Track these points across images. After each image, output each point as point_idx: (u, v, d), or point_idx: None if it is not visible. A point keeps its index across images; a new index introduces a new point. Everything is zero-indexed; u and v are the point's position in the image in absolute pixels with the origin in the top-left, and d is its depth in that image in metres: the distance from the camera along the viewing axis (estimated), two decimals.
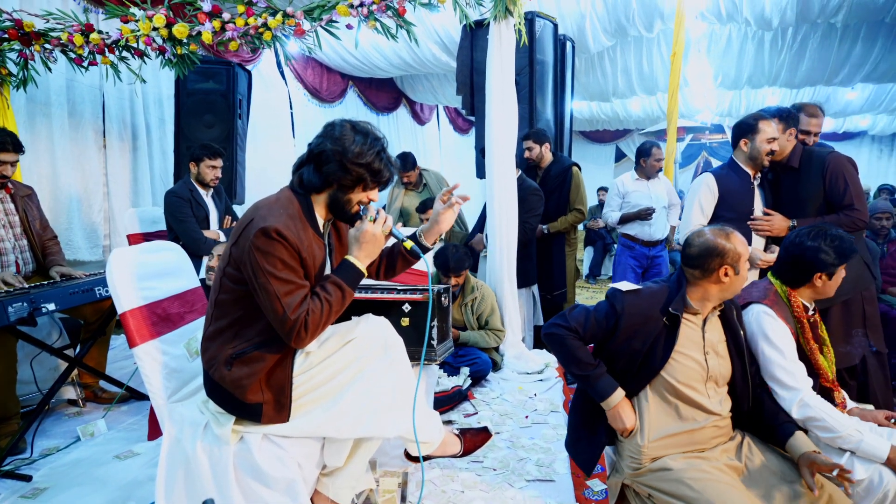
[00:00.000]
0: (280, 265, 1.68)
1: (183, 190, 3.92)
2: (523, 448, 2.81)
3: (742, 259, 1.92)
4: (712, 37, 6.87)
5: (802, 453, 1.86)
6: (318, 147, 1.80)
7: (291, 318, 1.67)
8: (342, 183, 1.80)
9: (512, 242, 3.86)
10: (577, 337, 2.01)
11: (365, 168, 1.79)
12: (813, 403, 1.96)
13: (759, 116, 2.97)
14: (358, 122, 1.85)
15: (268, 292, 1.67)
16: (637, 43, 7.02)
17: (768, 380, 2.05)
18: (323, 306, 1.73)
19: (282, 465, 1.80)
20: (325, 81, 6.99)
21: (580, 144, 14.17)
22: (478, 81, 4.15)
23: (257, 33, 3.56)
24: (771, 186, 3.15)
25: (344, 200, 1.84)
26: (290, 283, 1.69)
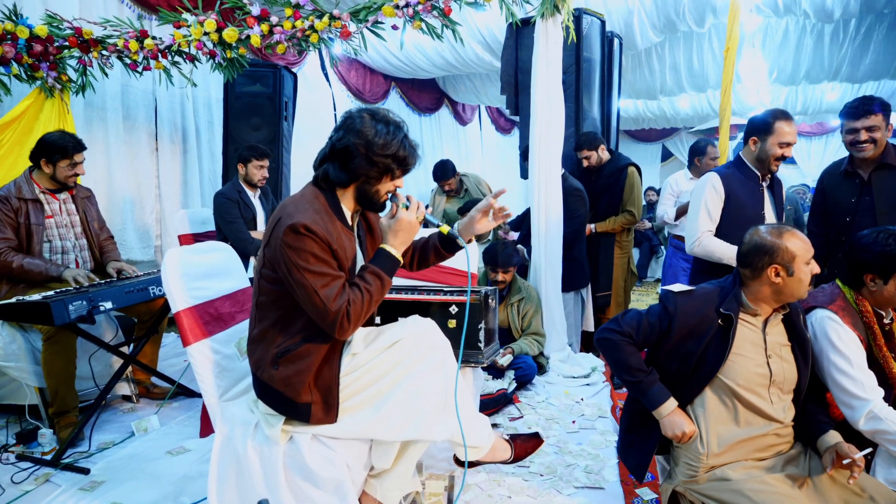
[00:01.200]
0: (312, 259, 1.68)
1: (231, 191, 3.99)
2: (571, 454, 2.76)
3: (798, 260, 1.83)
4: (767, 30, 6.64)
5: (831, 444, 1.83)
6: (340, 142, 1.78)
7: (332, 309, 1.66)
8: (369, 175, 1.79)
9: (556, 245, 3.79)
10: (630, 342, 1.96)
11: (391, 158, 1.77)
12: (884, 415, 1.85)
13: (779, 115, 2.69)
14: (376, 109, 1.83)
15: (305, 288, 1.67)
16: (687, 38, 6.83)
17: (833, 388, 1.95)
18: (363, 296, 1.73)
19: (331, 465, 1.80)
20: (368, 83, 7.04)
21: (625, 144, 13.91)
22: (523, 81, 4.10)
23: (304, 36, 3.59)
24: (860, 187, 2.87)
25: (372, 192, 1.83)
26: (325, 276, 1.69)
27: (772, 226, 1.92)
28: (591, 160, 4.21)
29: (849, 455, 1.75)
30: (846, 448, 1.79)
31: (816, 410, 1.97)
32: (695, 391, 1.91)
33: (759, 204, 2.78)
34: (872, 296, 2.04)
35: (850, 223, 2.85)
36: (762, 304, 1.90)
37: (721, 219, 2.78)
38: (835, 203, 2.93)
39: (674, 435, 1.90)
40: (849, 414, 1.91)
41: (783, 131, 2.66)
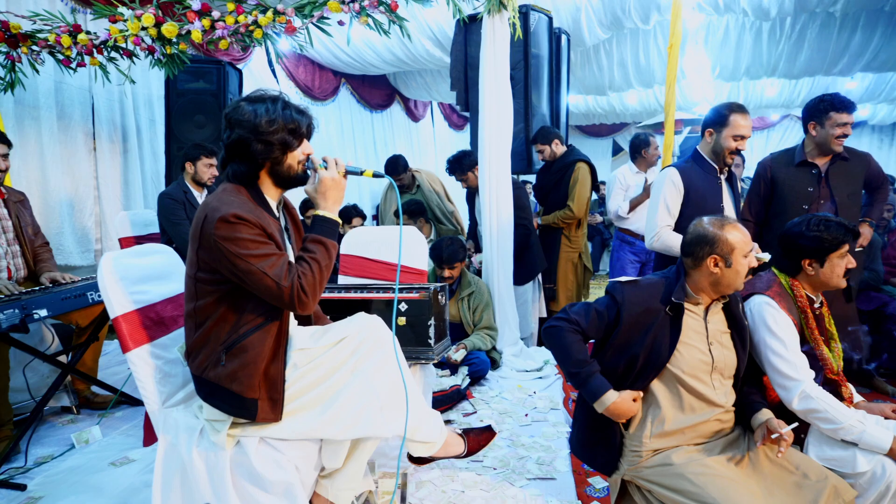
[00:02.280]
0: (251, 244, 1.66)
1: (177, 191, 3.87)
2: (524, 446, 2.78)
3: (736, 252, 1.89)
4: (710, 28, 6.81)
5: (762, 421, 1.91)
6: (230, 139, 1.77)
7: (286, 285, 1.65)
8: (271, 156, 1.78)
9: (507, 240, 3.81)
10: (576, 330, 1.97)
11: (283, 131, 1.76)
12: (815, 395, 1.94)
13: (734, 108, 2.77)
14: (250, 93, 1.83)
15: (253, 273, 1.65)
16: (633, 35, 6.96)
17: (769, 370, 2.03)
18: (312, 266, 1.72)
19: (279, 468, 1.77)
20: (317, 79, 6.93)
21: (576, 139, 14.11)
22: (472, 77, 4.10)
23: (247, 31, 3.51)
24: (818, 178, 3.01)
25: (285, 169, 1.82)
26: (269, 256, 1.67)
27: (715, 217, 1.97)
28: (545, 154, 4.27)
29: (777, 430, 1.83)
30: (776, 423, 1.87)
31: (751, 391, 2.05)
32: (646, 382, 1.94)
33: (718, 197, 2.85)
34: (809, 279, 2.13)
35: (808, 211, 2.95)
36: (703, 293, 1.95)
37: (681, 213, 2.84)
38: (791, 192, 3.03)
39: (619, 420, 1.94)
40: (783, 395, 1.99)
41: (738, 124, 2.73)
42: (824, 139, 2.99)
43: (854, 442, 1.90)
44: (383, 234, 3.02)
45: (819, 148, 3.02)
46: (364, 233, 3.05)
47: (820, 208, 2.97)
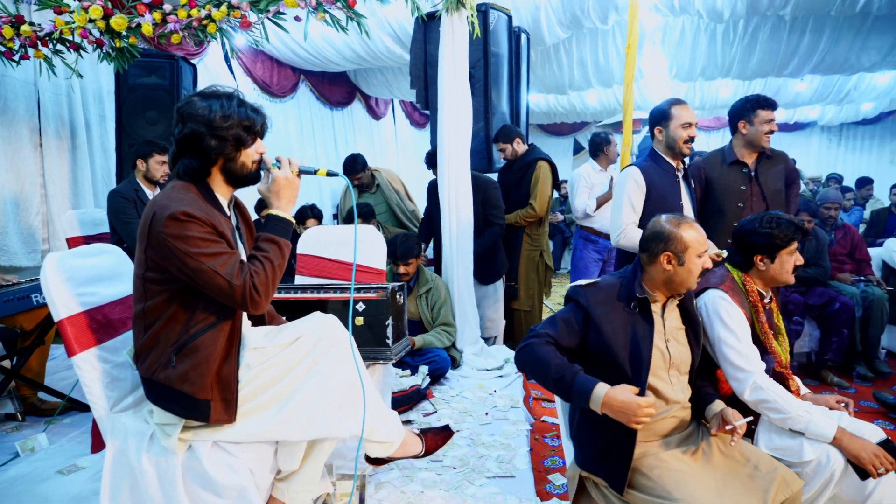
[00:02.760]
0: (201, 242, 1.63)
1: (128, 190, 3.76)
2: (483, 445, 2.78)
3: (690, 251, 1.91)
4: (666, 29, 6.93)
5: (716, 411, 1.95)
6: (182, 134, 1.73)
7: (238, 284, 1.63)
8: (225, 152, 1.75)
9: (467, 239, 3.81)
10: (549, 342, 1.90)
11: (238, 127, 1.74)
12: (765, 386, 1.99)
13: (673, 101, 2.89)
14: (203, 89, 1.80)
15: (203, 272, 1.62)
16: (592, 35, 7.04)
17: (722, 362, 2.08)
18: (265, 265, 1.70)
19: (232, 472, 1.74)
20: (275, 75, 6.81)
21: (538, 138, 14.22)
22: (432, 75, 4.09)
23: (201, 25, 3.42)
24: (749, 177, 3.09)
25: (238, 167, 1.79)
26: (220, 255, 1.64)
27: (674, 216, 1.99)
28: (507, 153, 4.28)
29: (731, 421, 1.88)
30: (730, 414, 1.91)
31: (704, 384, 2.08)
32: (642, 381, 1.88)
33: (677, 194, 2.93)
34: (760, 275, 2.20)
35: (743, 209, 3.06)
36: (658, 290, 1.98)
37: (644, 210, 2.90)
38: (726, 192, 3.11)
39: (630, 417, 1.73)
40: (736, 386, 2.04)
41: (681, 114, 2.84)
42: (755, 136, 3.10)
43: (801, 431, 1.95)
44: (340, 234, 2.99)
45: (749, 146, 3.13)
46: (321, 232, 3.01)
47: (753, 205, 3.07)
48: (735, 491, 1.78)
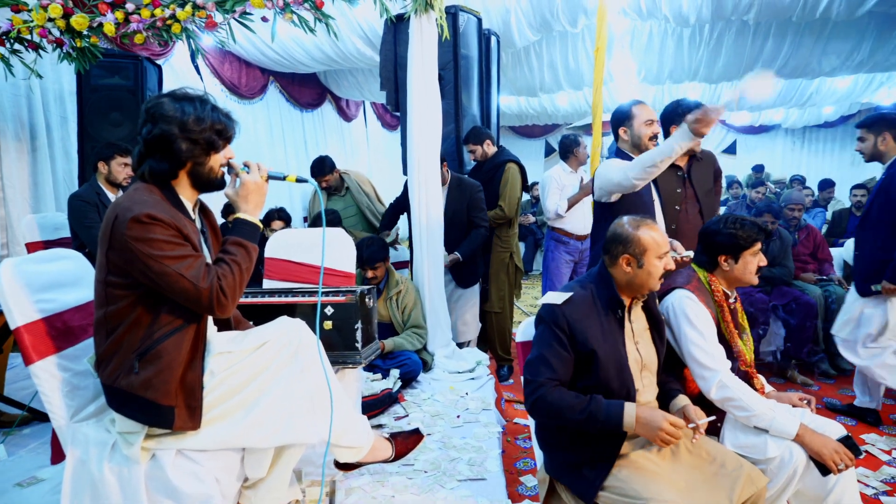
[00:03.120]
0: (166, 245, 1.61)
1: (89, 193, 3.66)
2: (455, 448, 2.78)
3: (649, 253, 1.92)
4: (635, 32, 7.02)
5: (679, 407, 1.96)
6: (152, 134, 1.71)
7: (204, 287, 1.61)
8: (195, 155, 1.74)
9: (438, 241, 3.80)
10: (555, 385, 1.87)
11: (210, 131, 1.74)
12: (731, 384, 2.03)
13: (633, 102, 2.93)
14: (174, 90, 1.78)
15: (168, 276, 1.60)
16: (562, 38, 7.09)
17: (689, 361, 2.10)
18: (232, 268, 1.69)
19: (198, 481, 1.71)
20: (244, 77, 6.71)
21: (510, 140, 14.30)
22: (402, 77, 4.07)
23: (165, 26, 3.35)
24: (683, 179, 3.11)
25: (206, 171, 1.79)
26: (185, 258, 1.63)
27: (635, 217, 2.01)
28: (476, 154, 4.27)
29: (694, 419, 1.89)
30: (692, 412, 1.93)
31: (669, 380, 2.11)
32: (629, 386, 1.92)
33: (648, 193, 2.91)
34: (725, 275, 2.23)
35: (679, 211, 3.08)
36: (622, 293, 1.99)
37: (613, 210, 2.85)
38: (663, 195, 3.12)
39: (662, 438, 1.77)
40: (702, 385, 2.07)
41: (642, 112, 2.88)
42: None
43: (765, 429, 1.99)
44: (309, 237, 2.95)
45: None
46: (289, 235, 2.97)
47: (688, 207, 3.06)
48: (702, 489, 1.81)
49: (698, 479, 1.85)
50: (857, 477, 2.82)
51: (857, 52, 6.84)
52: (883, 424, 3.50)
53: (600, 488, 1.84)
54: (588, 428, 1.84)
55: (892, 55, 6.91)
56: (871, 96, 9.86)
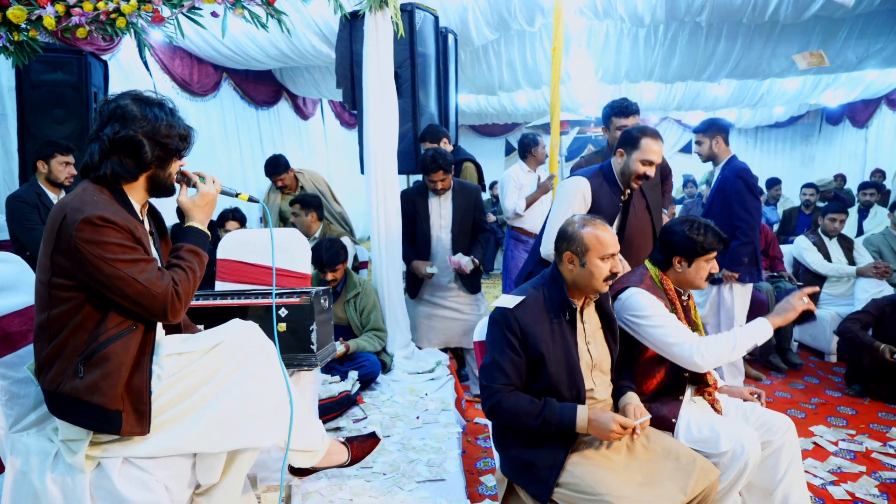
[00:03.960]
0: (118, 248, 1.59)
1: (29, 194, 3.51)
2: (414, 449, 2.75)
3: (591, 253, 1.92)
4: (591, 32, 7.08)
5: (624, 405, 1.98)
6: (119, 135, 1.67)
7: (159, 292, 1.61)
8: (160, 160, 1.74)
9: (396, 243, 3.76)
10: (511, 389, 1.90)
11: (177, 138, 1.75)
12: (704, 344, 2.05)
13: (648, 133, 2.65)
14: (137, 93, 1.76)
15: (121, 279, 1.58)
16: (520, 37, 7.12)
17: (662, 348, 2.10)
18: (187, 273, 1.70)
19: (146, 489, 1.67)
20: (195, 73, 6.54)
21: (470, 139, 14.32)
22: (358, 74, 4.01)
23: (109, 19, 3.23)
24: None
25: (165, 177, 1.79)
26: (139, 262, 1.61)
27: (586, 217, 2.01)
28: None
29: (630, 419, 1.87)
30: (631, 411, 1.93)
31: (621, 376, 2.12)
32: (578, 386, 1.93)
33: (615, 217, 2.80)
34: (676, 276, 2.25)
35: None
36: (571, 292, 2.00)
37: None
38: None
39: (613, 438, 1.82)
40: (685, 361, 2.07)
41: (649, 148, 2.63)
42: (611, 140, 3.30)
43: (753, 347, 2.08)
44: (263, 238, 2.89)
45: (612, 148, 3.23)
46: (243, 236, 2.90)
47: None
48: (657, 483, 1.83)
49: (653, 473, 1.87)
50: (806, 468, 2.90)
51: None
52: (830, 416, 3.61)
53: (554, 487, 1.84)
54: (543, 431, 1.87)
55: (836, 57, 7.15)
56: (818, 97, 10.20)
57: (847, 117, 11.36)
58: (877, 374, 3.77)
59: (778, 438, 2.09)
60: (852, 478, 2.87)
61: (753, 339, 2.07)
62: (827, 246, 4.73)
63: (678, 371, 2.19)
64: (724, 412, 2.23)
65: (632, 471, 1.88)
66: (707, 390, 2.26)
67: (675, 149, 13.73)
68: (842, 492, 2.74)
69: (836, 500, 2.68)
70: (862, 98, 10.24)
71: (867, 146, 10.68)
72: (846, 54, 7.05)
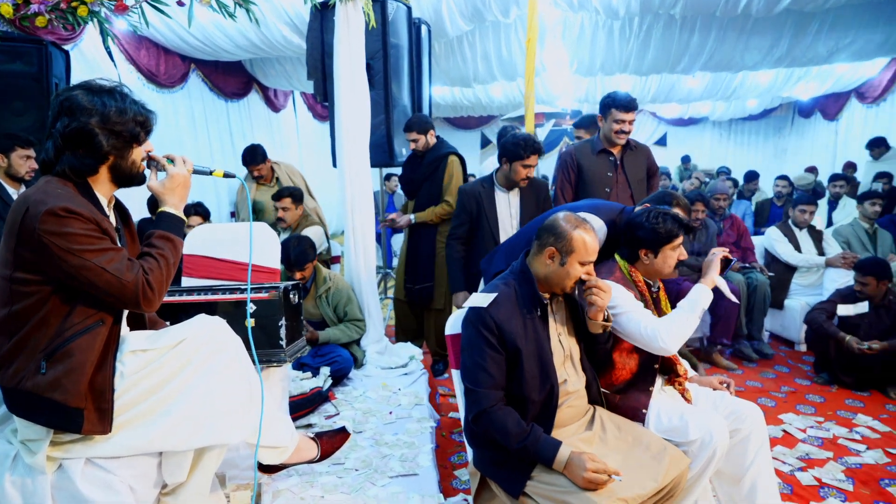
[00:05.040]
0: (85, 239, 1.54)
1: None
2: (387, 445, 2.73)
3: (574, 256, 1.92)
4: (566, 24, 7.07)
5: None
6: (69, 128, 1.62)
7: (129, 280, 1.56)
8: (118, 149, 1.67)
9: (369, 236, 3.71)
10: (499, 395, 1.88)
11: (133, 123, 1.68)
12: (663, 329, 2.05)
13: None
14: (87, 83, 1.70)
15: (89, 270, 1.53)
16: (495, 28, 7.07)
17: (629, 334, 2.11)
18: (159, 261, 1.65)
19: (110, 490, 1.64)
20: (162, 64, 6.37)
21: (446, 131, 14.27)
22: (329, 65, 3.96)
23: (70, 8, 3.14)
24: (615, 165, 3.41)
25: (128, 165, 1.72)
26: (107, 251, 1.56)
27: (578, 217, 1.99)
28: (419, 144, 4.04)
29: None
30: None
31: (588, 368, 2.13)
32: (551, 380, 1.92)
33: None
34: (645, 268, 2.26)
35: (609, 194, 3.31)
36: (541, 286, 1.99)
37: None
38: (595, 177, 3.35)
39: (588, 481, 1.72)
40: (652, 347, 2.08)
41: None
42: (606, 132, 3.42)
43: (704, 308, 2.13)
44: (231, 232, 2.83)
45: (605, 139, 3.44)
46: (211, 231, 2.84)
47: (619, 192, 3.35)
48: (629, 472, 1.83)
49: (625, 462, 1.87)
50: (775, 455, 2.94)
51: (776, 47, 7.14)
52: (799, 404, 3.67)
53: (527, 480, 1.83)
54: (520, 456, 1.84)
55: (807, 51, 7.25)
56: (790, 90, 10.33)
57: (818, 110, 11.51)
58: (843, 363, 3.83)
59: (746, 426, 2.10)
60: (819, 464, 2.91)
61: (699, 305, 2.12)
62: (797, 237, 4.79)
63: (649, 363, 2.20)
64: (693, 401, 2.24)
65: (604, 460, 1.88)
66: (677, 380, 2.28)
67: (650, 141, 13.83)
68: (809, 477, 2.78)
69: (803, 486, 2.72)
70: (832, 91, 10.40)
71: (837, 139, 10.84)
72: (817, 48, 7.14)
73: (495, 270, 2.67)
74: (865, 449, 3.06)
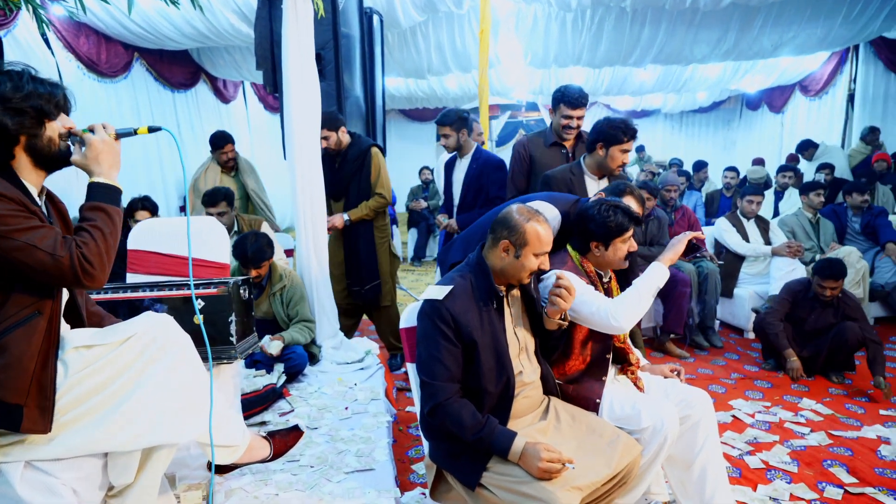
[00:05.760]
0: (11, 220, 1.47)
1: None
2: (343, 440, 2.69)
3: (528, 248, 1.92)
4: (520, 15, 7.10)
5: None
6: None
7: (62, 255, 1.48)
8: (25, 128, 1.58)
9: (321, 231, 3.63)
10: (454, 388, 1.87)
11: (35, 97, 1.58)
12: (615, 308, 2.07)
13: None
14: None
15: (20, 249, 1.46)
16: (449, 19, 7.05)
17: (585, 317, 2.11)
18: (93, 234, 1.56)
19: (52, 495, 1.58)
20: (103, 52, 6.14)
21: (401, 123, 14.17)
22: (279, 55, 3.85)
23: None
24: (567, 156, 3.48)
25: (45, 145, 1.62)
26: (36, 228, 1.49)
27: (532, 209, 1.99)
28: (330, 142, 3.83)
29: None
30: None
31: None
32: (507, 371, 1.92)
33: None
34: (596, 259, 2.29)
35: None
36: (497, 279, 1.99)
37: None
38: (545, 169, 3.32)
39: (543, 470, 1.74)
40: (605, 327, 2.09)
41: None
42: (555, 125, 3.48)
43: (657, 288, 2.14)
44: (177, 226, 2.74)
45: (555, 132, 3.50)
46: (155, 225, 2.75)
47: None
48: (583, 460, 1.85)
49: (580, 450, 1.90)
50: (724, 440, 3.02)
51: (723, 40, 7.32)
52: (748, 390, 3.78)
53: (483, 472, 1.83)
54: (475, 447, 1.84)
55: (753, 44, 7.46)
56: (738, 83, 10.63)
57: (765, 103, 11.89)
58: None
59: (696, 413, 2.15)
60: (767, 447, 3.00)
61: (654, 283, 2.13)
62: (745, 227, 4.93)
63: (602, 354, 2.23)
64: (645, 389, 2.28)
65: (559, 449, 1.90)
66: (630, 369, 2.31)
67: None
68: (757, 461, 2.86)
69: (751, 469, 2.80)
70: (778, 84, 10.75)
71: (783, 130, 11.22)
72: (762, 41, 7.36)
73: (452, 261, 2.66)
74: (809, 432, 3.18)
